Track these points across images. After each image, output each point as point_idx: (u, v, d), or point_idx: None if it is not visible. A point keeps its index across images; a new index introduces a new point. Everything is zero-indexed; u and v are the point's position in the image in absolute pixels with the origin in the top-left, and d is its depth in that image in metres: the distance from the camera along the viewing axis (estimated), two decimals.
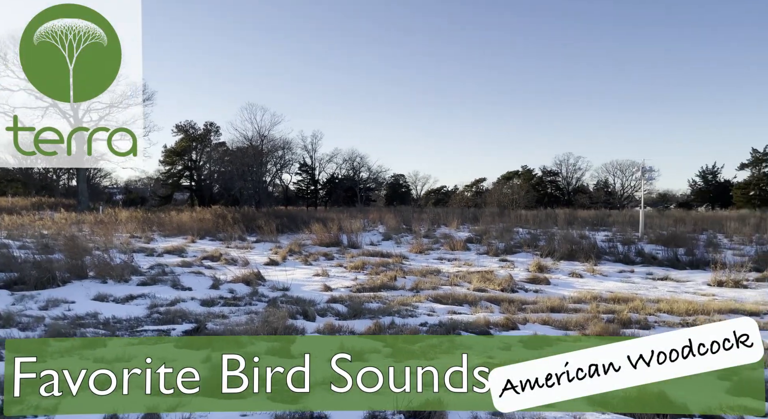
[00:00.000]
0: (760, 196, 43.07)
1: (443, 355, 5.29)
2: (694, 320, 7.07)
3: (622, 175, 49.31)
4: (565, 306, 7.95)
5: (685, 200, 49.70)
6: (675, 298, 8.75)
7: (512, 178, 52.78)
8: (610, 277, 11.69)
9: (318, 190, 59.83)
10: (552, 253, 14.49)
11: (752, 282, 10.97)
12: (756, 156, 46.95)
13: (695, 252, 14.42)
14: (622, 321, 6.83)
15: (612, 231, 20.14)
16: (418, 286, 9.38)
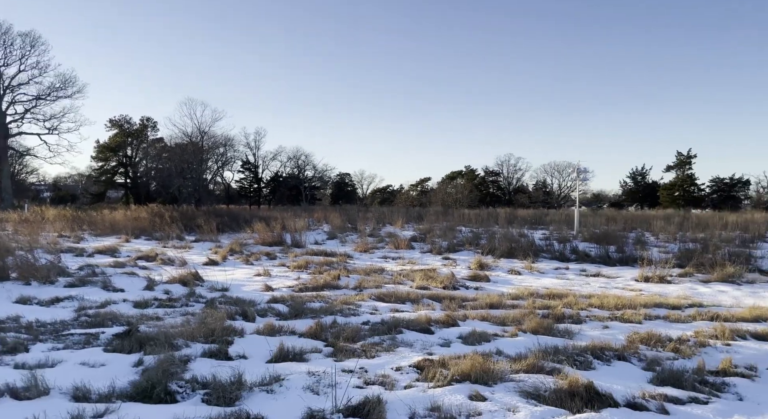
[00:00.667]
0: (683, 196, 45.92)
1: (384, 353, 5.32)
2: (622, 314, 7.43)
3: (560, 176, 51.33)
4: (503, 302, 8.16)
5: (617, 200, 52.29)
6: (605, 294, 9.17)
7: (456, 177, 53.82)
8: (546, 274, 12.11)
9: (261, 189, 58.67)
10: (493, 251, 14.88)
11: (675, 278, 11.66)
12: (680, 158, 50.03)
13: (625, 250, 15.17)
14: (556, 316, 7.07)
15: (549, 230, 20.86)
16: (361, 285, 9.37)
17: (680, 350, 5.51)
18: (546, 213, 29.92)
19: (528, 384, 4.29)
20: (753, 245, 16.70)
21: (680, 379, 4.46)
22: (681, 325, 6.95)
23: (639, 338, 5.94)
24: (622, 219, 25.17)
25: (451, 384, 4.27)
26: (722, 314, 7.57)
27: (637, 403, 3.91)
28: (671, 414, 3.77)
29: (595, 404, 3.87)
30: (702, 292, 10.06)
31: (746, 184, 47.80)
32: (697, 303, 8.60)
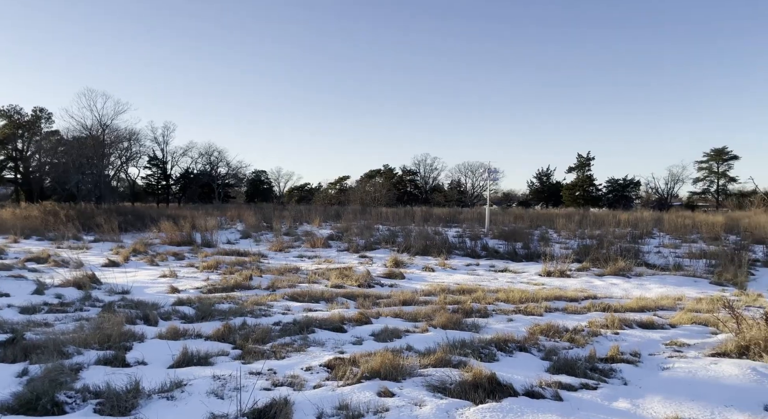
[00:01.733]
0: (583, 196, 49.30)
1: (295, 353, 5.24)
2: (526, 307, 7.84)
3: (473, 176, 53.29)
4: (416, 299, 8.32)
5: (525, 199, 55.16)
6: (511, 288, 9.63)
7: (375, 176, 54.29)
8: (458, 270, 12.51)
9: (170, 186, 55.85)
10: (408, 249, 15.17)
11: (574, 272, 12.47)
12: (581, 160, 53.67)
13: (530, 246, 16.04)
14: (465, 311, 7.32)
15: (463, 228, 21.58)
16: (274, 285, 9.18)
17: (575, 340, 5.89)
18: (460, 212, 30.94)
19: (435, 378, 4.40)
20: (641, 241, 18.26)
21: (574, 367, 4.77)
22: (577, 316, 7.44)
23: (539, 329, 6.28)
24: (529, 217, 26.55)
25: (360, 382, 4.28)
26: (613, 305, 8.20)
27: (534, 391, 4.12)
28: (564, 401, 4.01)
29: (497, 394, 4.04)
30: (597, 285, 10.84)
31: (637, 185, 52.23)
32: (592, 296, 9.25)
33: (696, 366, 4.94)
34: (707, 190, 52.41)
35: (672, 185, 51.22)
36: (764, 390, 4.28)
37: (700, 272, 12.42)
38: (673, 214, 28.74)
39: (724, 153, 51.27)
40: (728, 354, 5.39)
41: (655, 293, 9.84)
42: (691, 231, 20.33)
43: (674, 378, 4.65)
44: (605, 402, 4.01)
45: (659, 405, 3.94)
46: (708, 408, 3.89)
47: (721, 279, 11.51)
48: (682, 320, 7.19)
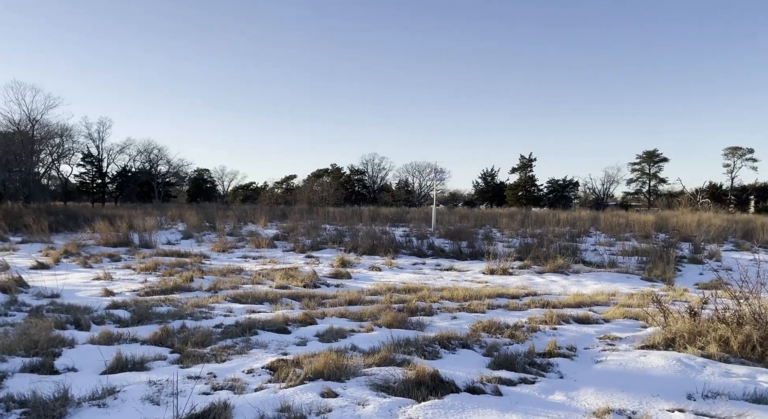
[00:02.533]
0: (526, 196, 50.86)
1: (237, 356, 5.12)
2: (469, 305, 8.00)
3: (420, 176, 53.87)
4: (362, 298, 8.32)
5: (470, 199, 56.30)
6: (456, 286, 9.79)
7: (323, 175, 53.94)
8: (405, 269, 12.61)
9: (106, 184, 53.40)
10: (356, 249, 15.16)
11: (516, 270, 12.83)
12: (523, 161, 55.35)
13: (475, 245, 16.38)
14: (410, 309, 7.39)
15: (410, 227, 21.77)
16: (216, 286, 8.94)
17: (516, 335, 6.06)
18: (407, 211, 31.22)
19: (379, 377, 4.41)
20: (579, 239, 19.02)
21: (513, 363, 4.90)
22: (518, 313, 7.66)
23: (482, 326, 6.42)
24: (474, 216, 27.15)
25: (303, 383, 4.24)
26: (552, 301, 8.50)
27: (475, 387, 4.21)
28: (504, 395, 4.12)
29: (440, 391, 4.09)
30: (537, 282, 11.20)
31: (576, 185, 54.41)
32: (533, 293, 9.55)
33: (627, 359, 5.19)
34: (640, 191, 55.30)
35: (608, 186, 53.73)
36: (688, 379, 4.54)
37: (633, 269, 13.06)
38: (608, 214, 30.12)
39: (655, 155, 54.22)
40: (656, 346, 5.69)
41: (591, 289, 10.26)
42: (625, 230, 21.36)
43: (607, 371, 4.87)
44: (542, 396, 4.15)
45: (592, 397, 4.11)
46: (637, 398, 4.09)
47: (651, 276, 12.15)
48: (615, 315, 7.53)
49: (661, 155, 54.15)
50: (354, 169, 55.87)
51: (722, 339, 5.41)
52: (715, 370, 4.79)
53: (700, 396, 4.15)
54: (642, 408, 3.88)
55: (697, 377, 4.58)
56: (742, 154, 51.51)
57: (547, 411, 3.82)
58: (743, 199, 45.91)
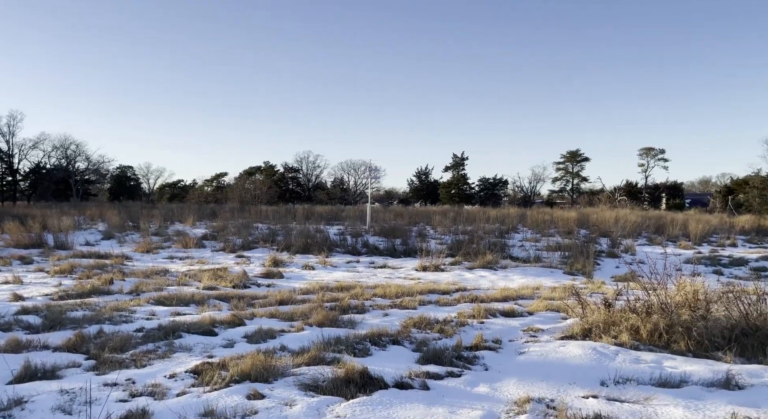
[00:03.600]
0: (458, 194, 52.11)
1: (158, 360, 4.91)
2: (401, 301, 8.09)
3: (355, 173, 53.90)
4: (294, 298, 8.21)
5: (405, 197, 57.00)
6: (389, 283, 9.88)
7: (255, 173, 52.77)
8: (339, 268, 12.57)
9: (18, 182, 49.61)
10: (289, 248, 14.95)
11: (448, 266, 13.12)
12: (456, 160, 56.68)
13: (409, 242, 16.60)
14: (342, 308, 7.37)
15: (345, 225, 21.74)
16: (138, 289, 8.52)
17: (444, 330, 6.19)
18: (342, 210, 31.14)
19: (308, 376, 4.36)
20: (508, 236, 19.74)
21: (441, 357, 5.01)
22: (448, 308, 7.83)
23: (413, 322, 6.51)
24: (408, 214, 27.51)
25: (229, 386, 4.13)
26: (480, 296, 8.75)
27: (404, 383, 4.26)
28: (431, 389, 4.19)
29: (369, 388, 4.11)
30: (467, 278, 11.50)
31: (505, 184, 56.41)
32: (462, 288, 9.79)
33: (547, 349, 5.43)
34: (564, 189, 58.09)
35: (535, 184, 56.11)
36: (602, 367, 4.82)
37: (556, 263, 13.70)
38: (535, 211, 31.47)
39: (577, 155, 57.14)
40: (575, 336, 5.99)
41: (517, 283, 10.67)
42: (550, 227, 22.36)
43: (529, 361, 5.08)
44: (468, 388, 4.26)
45: (514, 387, 4.27)
46: (555, 386, 4.30)
47: (572, 270, 12.80)
48: (539, 307, 7.87)
49: (583, 155, 57.15)
50: (288, 167, 55.00)
51: (633, 328, 5.78)
52: (626, 357, 5.11)
53: (612, 383, 4.41)
54: (559, 395, 4.08)
55: (610, 364, 4.87)
56: (654, 154, 55.36)
57: (471, 402, 3.93)
58: (656, 197, 49.31)
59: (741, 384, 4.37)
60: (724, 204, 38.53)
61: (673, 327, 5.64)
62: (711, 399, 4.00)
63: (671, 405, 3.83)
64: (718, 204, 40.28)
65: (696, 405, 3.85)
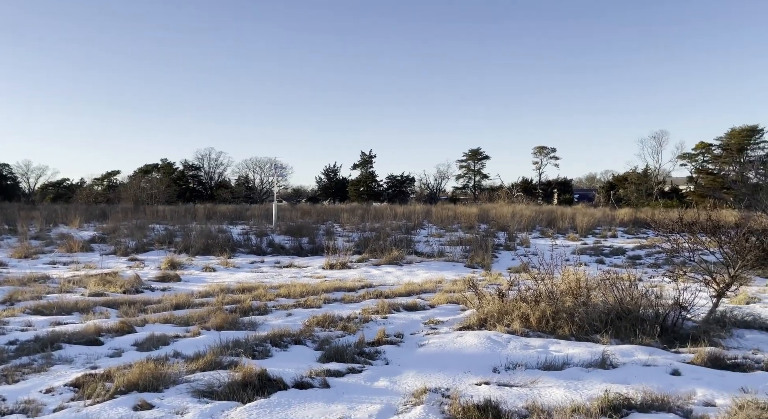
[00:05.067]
0: (367, 191, 52.54)
1: (34, 375, 4.49)
2: (305, 300, 8.01)
3: (261, 171, 52.53)
4: (191, 301, 7.84)
5: (314, 195, 56.47)
6: (294, 283, 9.74)
7: (151, 171, 49.77)
8: (242, 269, 12.19)
9: None
10: (188, 249, 14.27)
11: (355, 263, 13.19)
12: (364, 158, 57.11)
13: (316, 241, 16.47)
14: (243, 309, 7.15)
15: (249, 225, 21.13)
16: (13, 298, 7.71)
17: (348, 327, 6.20)
18: (247, 208, 30.20)
19: (203, 382, 4.18)
20: (414, 232, 20.21)
21: (343, 354, 5.01)
22: (353, 305, 7.87)
23: (316, 321, 6.46)
24: (316, 212, 27.29)
25: (114, 398, 3.85)
26: (385, 292, 8.89)
27: (304, 382, 4.21)
28: (332, 387, 4.18)
29: (267, 390, 4.02)
30: (374, 274, 11.63)
31: (412, 181, 57.68)
32: (368, 284, 9.89)
33: (446, 341, 5.63)
34: (467, 185, 60.51)
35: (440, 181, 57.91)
36: (495, 355, 5.07)
37: (458, 257, 14.25)
38: (439, 207, 32.43)
39: (478, 153, 59.79)
40: (472, 326, 6.26)
41: (421, 278, 10.96)
42: (453, 222, 23.21)
43: (428, 353, 5.23)
44: (368, 383, 4.30)
45: (413, 379, 4.37)
46: (451, 376, 4.45)
47: (473, 263, 13.39)
48: (440, 300, 8.14)
49: (483, 153, 59.85)
50: (188, 165, 52.34)
51: (524, 316, 6.15)
52: (517, 344, 5.42)
53: (504, 369, 4.66)
54: (455, 384, 4.23)
55: (502, 352, 5.14)
56: (547, 152, 59.34)
57: (371, 397, 3.97)
58: (549, 192, 52.80)
59: (615, 363, 4.79)
60: (607, 198, 42.16)
61: (558, 314, 6.06)
62: (588, 378, 4.35)
63: (554, 387, 4.11)
64: (602, 198, 44.01)
65: (575, 384, 4.16)
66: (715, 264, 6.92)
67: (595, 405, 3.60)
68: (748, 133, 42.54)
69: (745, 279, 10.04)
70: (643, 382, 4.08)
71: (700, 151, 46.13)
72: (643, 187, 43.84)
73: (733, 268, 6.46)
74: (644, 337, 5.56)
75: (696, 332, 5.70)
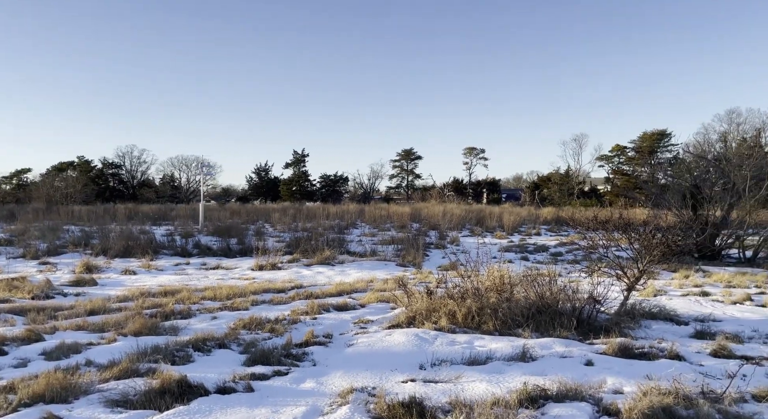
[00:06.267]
0: (299, 190, 51.91)
1: None
2: (232, 303, 7.78)
3: (188, 170, 50.61)
4: (108, 306, 7.41)
5: (244, 194, 55.10)
6: (221, 285, 9.44)
7: (67, 169, 46.66)
8: (165, 271, 11.68)
9: None
10: (106, 251, 13.51)
11: (285, 264, 12.98)
12: (297, 157, 56.40)
13: (245, 241, 16.06)
14: (165, 314, 6.84)
15: (174, 225, 20.30)
16: None
17: (276, 329, 6.09)
18: (173, 208, 28.99)
19: (117, 391, 3.95)
20: (347, 231, 20.19)
21: (269, 356, 4.91)
22: (282, 306, 7.73)
23: (242, 324, 6.29)
24: (246, 212, 26.62)
25: (17, 411, 3.57)
26: (315, 292, 8.80)
27: (227, 387, 4.08)
28: (256, 391, 4.08)
29: (187, 397, 3.86)
30: (305, 275, 11.49)
31: (346, 180, 57.60)
32: (299, 285, 9.76)
33: (374, 340, 5.65)
34: (400, 185, 61.24)
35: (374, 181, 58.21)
36: (422, 352, 5.15)
37: (390, 256, 14.37)
38: (373, 207, 32.60)
39: (411, 153, 60.65)
40: (400, 325, 6.32)
41: (353, 277, 10.95)
42: (386, 221, 23.39)
43: (356, 353, 5.22)
44: (294, 385, 4.23)
45: (340, 380, 4.35)
46: (378, 374, 4.47)
47: (404, 261, 13.54)
48: (371, 299, 8.16)
49: (416, 153, 60.78)
50: (107, 162, 49.42)
51: (451, 313, 6.28)
52: (443, 341, 5.53)
53: (430, 365, 4.74)
54: (381, 383, 4.25)
55: (429, 348, 5.23)
56: (477, 153, 61.17)
57: (296, 399, 3.91)
58: (478, 192, 54.45)
59: (534, 355, 5.00)
60: (532, 198, 44.03)
61: (483, 310, 6.25)
62: (509, 371, 4.51)
63: (477, 381, 4.22)
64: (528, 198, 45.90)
65: (497, 378, 4.30)
66: (627, 259, 7.40)
67: (514, 397, 3.74)
68: (659, 137, 45.86)
69: (653, 273, 10.82)
70: (560, 373, 4.28)
71: (616, 153, 49.19)
72: (565, 186, 46.18)
73: (641, 263, 6.93)
74: (562, 330, 5.84)
75: (608, 324, 6.06)
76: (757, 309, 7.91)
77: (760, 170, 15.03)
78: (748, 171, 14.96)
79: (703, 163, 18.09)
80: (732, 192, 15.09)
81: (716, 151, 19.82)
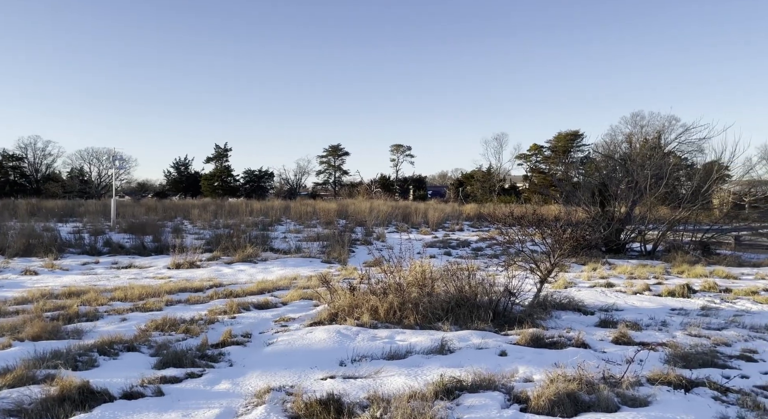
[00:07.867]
0: (222, 186, 50.25)
1: None
2: (144, 303, 7.38)
3: (99, 163, 47.60)
4: (3, 309, 6.79)
5: (162, 189, 52.57)
6: (133, 285, 8.93)
7: None
8: (71, 271, 10.90)
9: None
10: (4, 250, 12.45)
11: (205, 262, 12.51)
12: (218, 151, 54.57)
13: (162, 239, 15.31)
14: (68, 316, 6.36)
15: (83, 222, 19.00)
16: None
17: (191, 330, 5.84)
18: (81, 204, 27.11)
19: (9, 400, 3.63)
20: (271, 228, 19.78)
21: (182, 358, 4.69)
22: (199, 306, 7.44)
23: (155, 325, 5.98)
24: (164, 208, 25.40)
25: None
26: (236, 291, 8.54)
27: (134, 392, 3.86)
28: (166, 394, 3.89)
29: (89, 404, 3.61)
30: (225, 273, 11.13)
31: (271, 176, 56.44)
32: (218, 284, 9.43)
33: (295, 337, 5.56)
34: (327, 181, 60.90)
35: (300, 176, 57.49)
36: (342, 348, 5.13)
37: (316, 253, 14.24)
38: (299, 203, 32.17)
39: (338, 149, 60.46)
40: (322, 322, 6.27)
41: (276, 275, 10.74)
42: (312, 218, 23.16)
43: (275, 352, 5.11)
44: (208, 387, 4.07)
45: (257, 380, 4.24)
46: (297, 373, 4.40)
47: (330, 258, 13.47)
48: (293, 297, 8.03)
49: (343, 149, 60.69)
50: (8, 155, 45.48)
51: (373, 309, 6.31)
52: (365, 336, 5.55)
53: (350, 361, 4.73)
54: (300, 381, 4.19)
55: (350, 345, 5.22)
56: (403, 150, 62.06)
57: (209, 402, 3.77)
58: (405, 188, 55.23)
59: (452, 348, 5.13)
60: (456, 194, 45.29)
61: (405, 305, 6.33)
62: (428, 364, 4.59)
63: (396, 375, 4.26)
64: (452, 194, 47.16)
65: (415, 371, 4.36)
66: (541, 253, 7.76)
67: (431, 390, 3.81)
68: (572, 137, 48.62)
69: (565, 266, 11.45)
70: (475, 364, 4.42)
71: (534, 152, 51.63)
72: (487, 184, 47.86)
73: (553, 257, 7.30)
74: (480, 322, 6.03)
75: (522, 315, 6.33)
76: (654, 298, 8.58)
77: (660, 169, 16.34)
78: (649, 170, 16.21)
79: (610, 163, 19.40)
80: (635, 189, 16.28)
81: (622, 152, 21.32)
